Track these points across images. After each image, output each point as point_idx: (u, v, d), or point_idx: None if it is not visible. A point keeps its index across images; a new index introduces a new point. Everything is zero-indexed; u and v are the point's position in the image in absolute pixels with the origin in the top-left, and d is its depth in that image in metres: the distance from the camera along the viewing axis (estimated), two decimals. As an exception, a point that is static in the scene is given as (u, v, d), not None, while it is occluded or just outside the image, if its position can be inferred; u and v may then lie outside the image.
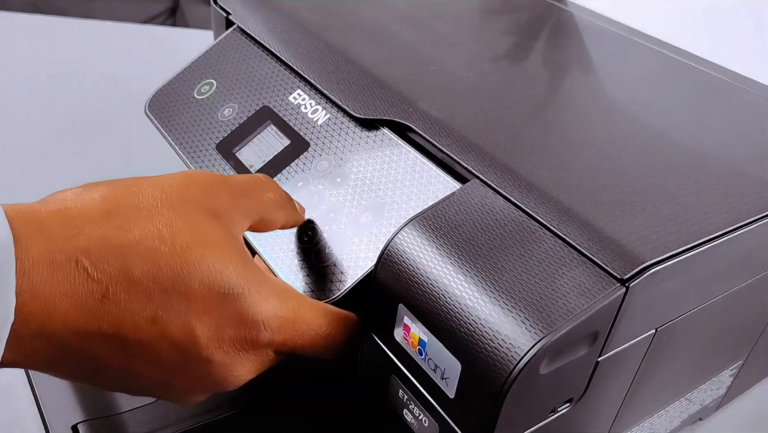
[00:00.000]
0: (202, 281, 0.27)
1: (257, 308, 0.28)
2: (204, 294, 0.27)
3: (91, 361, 0.26)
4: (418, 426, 0.32)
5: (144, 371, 0.27)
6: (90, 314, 0.25)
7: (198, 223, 0.28)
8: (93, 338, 0.25)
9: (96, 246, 0.25)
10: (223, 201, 0.30)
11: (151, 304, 0.26)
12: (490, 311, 0.27)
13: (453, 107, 0.39)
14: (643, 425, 0.41)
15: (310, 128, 0.40)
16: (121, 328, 0.26)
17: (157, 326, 0.26)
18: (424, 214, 0.32)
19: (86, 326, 0.25)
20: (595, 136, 0.38)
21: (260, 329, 0.28)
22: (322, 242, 0.36)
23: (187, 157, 0.43)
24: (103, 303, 0.25)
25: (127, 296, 0.25)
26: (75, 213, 0.26)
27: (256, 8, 0.50)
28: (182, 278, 0.26)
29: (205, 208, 0.29)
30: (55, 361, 0.26)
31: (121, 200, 0.27)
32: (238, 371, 0.29)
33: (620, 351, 0.31)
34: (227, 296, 0.27)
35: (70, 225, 0.25)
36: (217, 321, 0.27)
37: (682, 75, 0.48)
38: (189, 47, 0.53)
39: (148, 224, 0.27)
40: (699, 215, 0.32)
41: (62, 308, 0.24)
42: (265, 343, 0.29)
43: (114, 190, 0.28)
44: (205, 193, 0.29)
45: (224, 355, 0.28)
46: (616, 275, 0.27)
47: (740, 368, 0.46)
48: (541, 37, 0.51)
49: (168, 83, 0.48)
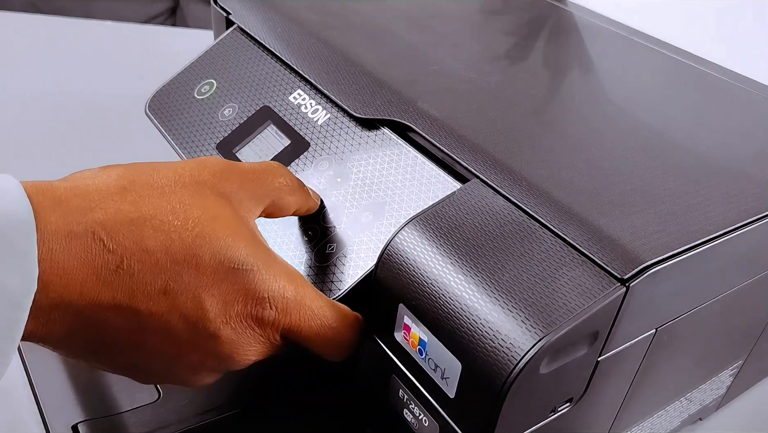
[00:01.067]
0: (212, 254, 0.28)
1: (265, 285, 0.29)
2: (214, 267, 0.28)
3: (104, 333, 0.27)
4: (418, 426, 0.32)
5: (154, 344, 0.28)
6: (105, 283, 0.26)
7: (209, 201, 0.29)
8: (107, 309, 0.26)
9: (112, 219, 0.26)
10: (232, 185, 0.31)
11: (163, 275, 0.27)
12: (490, 310, 0.27)
13: (453, 107, 0.39)
14: (643, 425, 0.41)
15: (310, 128, 0.40)
16: (134, 298, 0.27)
17: (168, 297, 0.27)
18: (424, 214, 0.32)
19: (101, 295, 0.26)
20: (595, 136, 0.38)
21: (266, 307, 0.29)
22: (322, 242, 0.36)
23: (187, 157, 0.43)
24: (118, 273, 0.26)
25: (140, 267, 0.26)
26: (92, 189, 0.27)
27: (256, 8, 0.50)
28: (193, 251, 0.27)
29: (216, 190, 0.30)
30: (70, 334, 0.27)
31: (136, 179, 0.29)
32: (244, 350, 0.30)
33: (620, 351, 0.31)
34: (236, 270, 0.28)
35: (87, 199, 0.27)
36: (225, 295, 0.28)
37: (682, 75, 0.48)
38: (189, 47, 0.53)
39: (161, 201, 0.28)
40: (699, 215, 0.32)
41: (79, 277, 0.25)
42: (270, 322, 0.29)
43: (129, 170, 0.29)
44: (215, 176, 0.30)
45: (231, 331, 0.29)
46: (617, 275, 0.27)
47: (740, 368, 0.46)
48: (540, 37, 0.51)
49: (168, 83, 0.48)
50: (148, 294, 0.27)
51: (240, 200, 0.31)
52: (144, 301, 0.27)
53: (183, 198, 0.28)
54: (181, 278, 0.27)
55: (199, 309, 0.28)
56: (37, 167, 0.69)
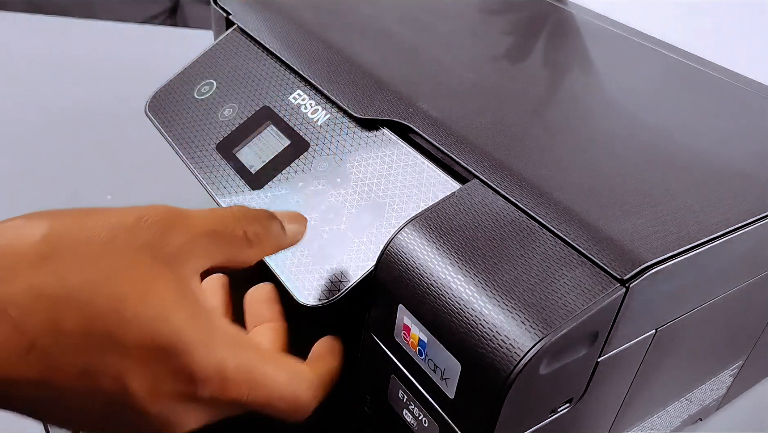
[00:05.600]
0: (137, 336, 0.25)
1: (198, 365, 0.26)
2: (139, 349, 0.25)
3: (20, 404, 0.25)
4: (418, 426, 0.32)
5: (76, 418, 0.26)
6: (18, 361, 0.24)
7: (142, 270, 0.26)
8: (21, 385, 0.24)
9: (26, 295, 0.24)
10: (178, 241, 0.28)
11: (82, 357, 0.25)
12: (490, 311, 0.27)
13: (453, 107, 0.39)
14: (643, 426, 0.41)
15: (310, 128, 0.40)
16: (51, 378, 0.25)
17: (89, 379, 0.25)
18: (424, 214, 0.32)
19: (14, 373, 0.24)
20: (595, 136, 0.38)
21: (200, 386, 0.27)
22: (322, 242, 0.36)
23: (187, 157, 0.43)
24: (31, 354, 0.24)
25: (56, 348, 0.24)
26: (8, 252, 0.25)
27: (256, 8, 0.50)
28: (116, 333, 0.25)
29: (155, 252, 0.27)
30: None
31: (62, 242, 0.26)
32: (179, 423, 0.28)
33: (620, 351, 0.31)
34: (164, 350, 0.26)
35: (3, 267, 0.24)
36: (153, 375, 0.26)
37: (682, 75, 0.48)
38: (189, 47, 0.53)
39: (85, 272, 0.25)
40: (699, 215, 0.32)
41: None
42: (206, 398, 0.27)
43: (58, 228, 0.26)
44: (157, 234, 0.27)
45: (161, 407, 0.27)
46: (616, 275, 0.27)
47: (740, 368, 0.46)
48: (540, 37, 0.51)
49: (168, 83, 0.48)
50: (67, 374, 0.24)
51: (185, 260, 0.28)
52: (62, 380, 0.25)
53: (113, 268, 0.25)
54: (102, 361, 0.25)
55: (123, 390, 0.25)
56: (37, 167, 0.69)
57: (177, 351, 0.26)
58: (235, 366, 0.27)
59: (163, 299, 0.26)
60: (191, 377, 0.26)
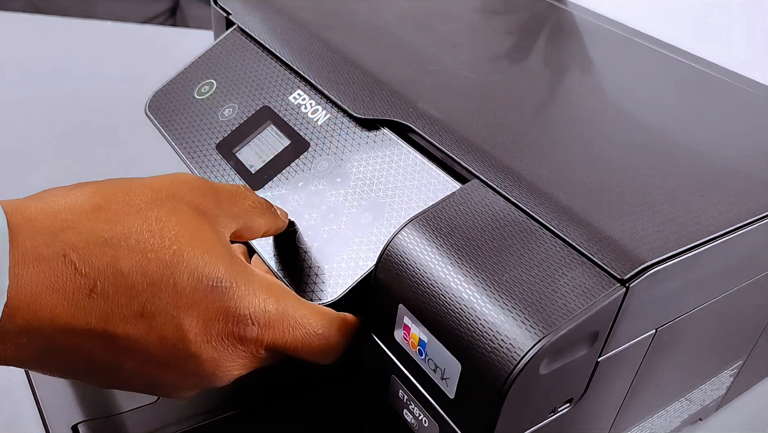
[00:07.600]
0: (190, 273, 0.27)
1: (245, 302, 0.28)
2: (192, 287, 0.27)
3: (79, 357, 0.26)
4: (418, 426, 0.32)
5: (132, 367, 0.27)
6: (78, 309, 0.25)
7: (186, 218, 0.28)
8: (80, 335, 0.25)
9: (84, 240, 0.25)
10: (209, 203, 0.30)
11: (140, 297, 0.26)
12: (490, 311, 0.27)
13: (453, 107, 0.39)
14: (643, 425, 0.41)
15: (310, 128, 0.40)
16: (109, 323, 0.25)
17: (146, 320, 0.26)
18: (424, 214, 0.32)
19: (73, 321, 0.25)
20: (595, 136, 0.38)
21: (248, 324, 0.28)
22: (322, 242, 0.36)
23: (187, 157, 0.43)
24: (91, 298, 0.25)
25: (115, 289, 0.25)
26: (63, 208, 0.26)
27: (256, 8, 0.50)
28: (171, 271, 0.26)
29: (193, 206, 0.29)
30: (42, 357, 0.26)
31: (111, 196, 0.27)
32: (227, 367, 0.29)
33: (620, 351, 0.31)
34: (215, 288, 0.27)
35: (58, 219, 0.25)
36: (204, 315, 0.27)
37: (682, 75, 0.48)
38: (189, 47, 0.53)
39: (137, 218, 0.27)
40: (699, 215, 0.32)
41: (49, 303, 0.24)
42: (253, 338, 0.29)
43: (104, 187, 0.28)
44: (192, 192, 0.30)
45: (212, 350, 0.28)
46: (616, 275, 0.27)
47: (740, 368, 0.46)
48: (541, 38, 0.51)
49: (168, 83, 0.48)
50: (124, 318, 0.26)
51: (216, 217, 0.30)
52: (120, 325, 0.26)
53: (160, 215, 0.27)
54: (158, 300, 0.26)
55: (178, 330, 0.27)
56: (37, 167, 0.69)
57: (225, 288, 0.28)
58: (275, 308, 0.29)
59: (209, 243, 0.28)
60: (239, 318, 0.28)
